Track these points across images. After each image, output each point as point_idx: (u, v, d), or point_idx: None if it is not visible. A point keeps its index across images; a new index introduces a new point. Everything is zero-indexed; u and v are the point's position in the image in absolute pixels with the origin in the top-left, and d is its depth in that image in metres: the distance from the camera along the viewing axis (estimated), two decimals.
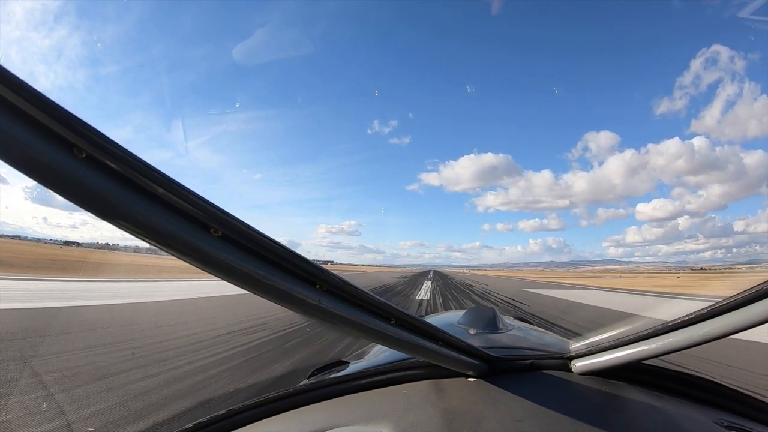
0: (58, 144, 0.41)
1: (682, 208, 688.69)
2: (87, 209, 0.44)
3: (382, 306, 0.65)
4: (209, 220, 0.49)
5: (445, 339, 0.77)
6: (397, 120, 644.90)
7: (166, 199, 0.46)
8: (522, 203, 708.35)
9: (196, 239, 0.48)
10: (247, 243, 0.51)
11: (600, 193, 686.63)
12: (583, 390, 0.83)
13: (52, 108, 0.39)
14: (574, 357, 0.91)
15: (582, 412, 0.71)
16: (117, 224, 0.45)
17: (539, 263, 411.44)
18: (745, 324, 0.60)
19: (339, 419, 0.75)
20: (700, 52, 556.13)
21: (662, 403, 0.80)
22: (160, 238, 0.47)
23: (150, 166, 0.44)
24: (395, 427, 0.69)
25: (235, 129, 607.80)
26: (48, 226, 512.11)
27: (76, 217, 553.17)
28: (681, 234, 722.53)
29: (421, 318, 0.73)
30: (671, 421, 0.72)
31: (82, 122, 0.41)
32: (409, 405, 0.79)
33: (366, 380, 0.93)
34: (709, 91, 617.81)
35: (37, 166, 0.40)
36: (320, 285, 0.58)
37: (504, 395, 0.78)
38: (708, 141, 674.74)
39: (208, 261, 0.50)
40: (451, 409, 0.74)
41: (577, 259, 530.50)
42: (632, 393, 0.83)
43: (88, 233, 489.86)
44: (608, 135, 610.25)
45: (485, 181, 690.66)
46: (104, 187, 0.43)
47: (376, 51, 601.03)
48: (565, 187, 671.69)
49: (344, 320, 0.62)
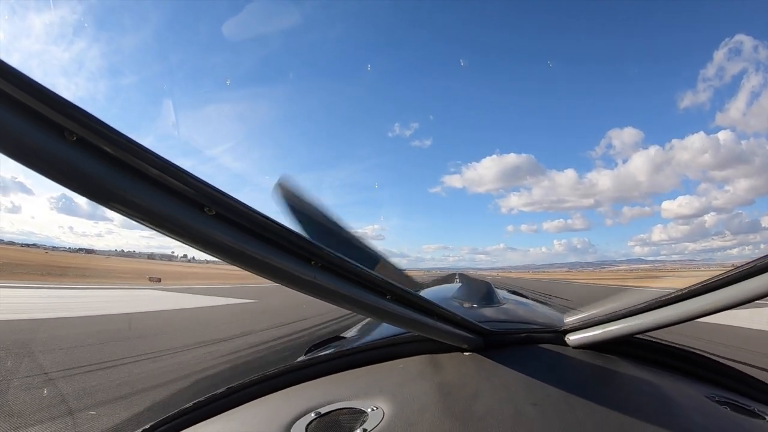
0: (48, 128, 0.40)
1: (709, 204, 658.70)
2: (80, 193, 0.43)
3: (378, 281, 0.65)
4: (203, 199, 0.48)
5: (440, 313, 0.77)
6: (418, 122, 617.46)
7: (159, 179, 0.45)
8: (546, 203, 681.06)
9: (190, 219, 0.48)
10: (242, 221, 0.51)
11: (625, 190, 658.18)
12: (578, 363, 0.84)
13: (41, 92, 0.38)
14: (569, 330, 0.92)
15: (576, 386, 0.72)
16: (111, 207, 0.45)
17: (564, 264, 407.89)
18: (739, 299, 0.60)
19: (336, 394, 0.76)
20: (723, 43, 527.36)
21: (655, 378, 0.81)
22: (154, 219, 0.47)
23: (142, 147, 0.43)
24: (392, 402, 0.70)
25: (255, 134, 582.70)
26: (74, 235, 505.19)
27: (101, 226, 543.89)
28: (707, 231, 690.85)
29: (416, 293, 0.73)
30: (664, 394, 0.73)
31: (72, 105, 0.40)
32: (405, 379, 0.80)
33: (362, 355, 0.94)
34: (734, 83, 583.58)
35: (28, 151, 0.40)
36: (315, 261, 0.58)
37: (499, 369, 0.79)
38: (733, 134, 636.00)
39: (203, 240, 0.50)
40: (447, 383, 0.75)
41: (602, 259, 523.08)
42: (626, 367, 0.84)
43: (113, 241, 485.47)
44: (632, 131, 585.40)
45: (508, 182, 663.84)
46: (96, 170, 0.42)
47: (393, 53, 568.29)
48: (589, 185, 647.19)
49: (340, 296, 0.62)
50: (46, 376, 4.22)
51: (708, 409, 0.71)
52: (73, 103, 0.40)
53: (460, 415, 0.64)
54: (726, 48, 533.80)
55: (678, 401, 0.72)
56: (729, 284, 0.61)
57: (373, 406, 0.70)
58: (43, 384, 3.92)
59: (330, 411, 0.71)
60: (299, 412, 0.71)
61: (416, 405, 0.68)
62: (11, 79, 0.37)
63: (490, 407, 0.66)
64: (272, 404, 0.82)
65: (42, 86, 0.38)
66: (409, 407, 0.68)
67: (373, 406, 0.69)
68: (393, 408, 0.68)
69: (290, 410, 0.73)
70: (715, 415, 0.70)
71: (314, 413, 0.70)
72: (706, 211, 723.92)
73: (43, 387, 3.81)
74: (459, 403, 0.67)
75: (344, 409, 0.71)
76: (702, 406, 0.73)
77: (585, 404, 0.66)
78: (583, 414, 0.63)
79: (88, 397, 3.55)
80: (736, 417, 0.71)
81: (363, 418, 0.67)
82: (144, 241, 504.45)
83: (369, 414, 0.68)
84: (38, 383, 3.94)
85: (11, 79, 0.37)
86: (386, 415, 0.66)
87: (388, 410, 0.68)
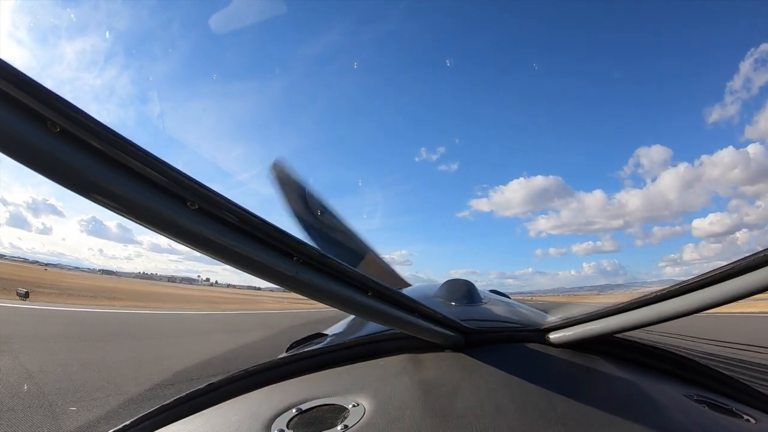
0: (31, 118, 0.39)
1: (740, 221, 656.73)
2: (62, 184, 0.42)
3: (359, 278, 0.65)
4: (185, 193, 0.47)
5: (421, 311, 0.77)
6: (444, 146, 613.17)
7: (141, 172, 0.45)
8: (575, 226, 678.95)
9: (172, 212, 0.47)
10: (224, 215, 0.51)
11: (655, 210, 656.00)
12: (558, 362, 0.85)
13: (24, 81, 0.38)
14: (550, 329, 0.92)
15: (556, 384, 0.72)
16: (93, 199, 0.44)
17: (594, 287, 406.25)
18: (713, 301, 0.61)
19: (317, 391, 0.76)
20: (749, 53, 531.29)
21: (635, 377, 0.82)
22: (136, 213, 0.46)
23: (125, 139, 0.43)
24: (373, 399, 0.70)
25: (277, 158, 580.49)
26: (104, 258, 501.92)
27: (130, 249, 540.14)
28: (740, 248, 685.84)
29: (398, 290, 0.73)
30: (643, 393, 0.74)
31: (56, 96, 0.39)
32: (386, 377, 0.80)
33: (344, 352, 0.94)
34: (761, 94, 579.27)
35: (9, 141, 0.39)
36: (297, 257, 0.57)
37: (480, 366, 0.80)
38: (763, 147, 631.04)
39: (185, 235, 0.49)
40: (428, 381, 0.75)
41: (633, 280, 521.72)
42: (606, 366, 0.85)
43: (142, 264, 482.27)
44: (660, 149, 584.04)
45: (536, 205, 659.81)
46: (79, 162, 0.42)
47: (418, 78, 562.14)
48: (618, 206, 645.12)
49: (322, 292, 0.62)
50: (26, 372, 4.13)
51: (687, 408, 0.72)
52: (57, 93, 0.39)
53: (440, 412, 0.64)
54: (752, 58, 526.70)
55: (657, 400, 0.73)
56: (704, 286, 0.62)
57: (354, 402, 0.69)
58: (23, 380, 3.84)
59: (311, 407, 0.71)
60: (280, 409, 0.71)
61: (397, 402, 0.68)
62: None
63: (470, 404, 0.66)
64: (253, 400, 0.81)
65: (25, 76, 0.38)
66: (390, 404, 0.68)
67: (354, 403, 0.69)
68: (374, 405, 0.68)
69: (271, 406, 0.72)
70: (693, 413, 0.71)
71: (295, 409, 0.70)
72: (738, 228, 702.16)
73: (22, 383, 3.74)
74: (440, 401, 0.68)
75: (325, 405, 0.71)
76: (681, 404, 0.74)
77: (565, 402, 0.66)
78: (564, 412, 0.64)
79: (68, 394, 3.49)
80: (714, 416, 0.72)
81: (344, 415, 0.67)
82: (172, 264, 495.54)
83: (350, 410, 0.67)
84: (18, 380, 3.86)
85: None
86: (367, 411, 0.66)
87: (369, 407, 0.67)
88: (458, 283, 1.28)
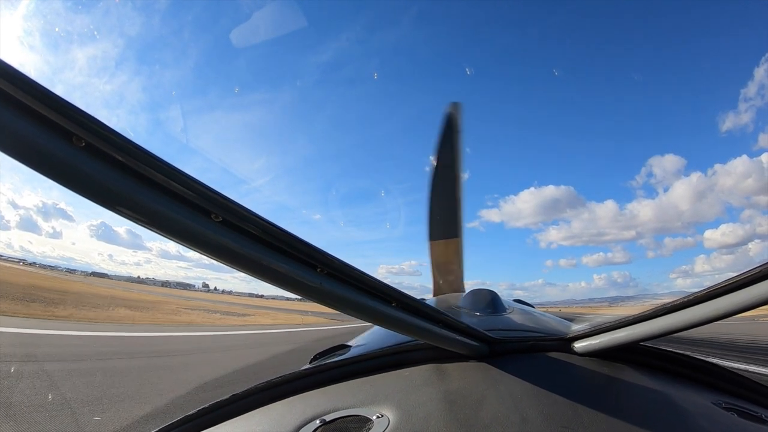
0: (57, 133, 0.41)
1: (753, 232, 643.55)
2: (88, 198, 0.44)
3: (384, 288, 0.65)
4: (210, 206, 0.49)
5: (445, 321, 0.77)
6: None
7: (166, 185, 0.46)
8: (586, 236, 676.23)
9: (197, 225, 0.49)
10: (248, 227, 0.52)
11: (667, 221, 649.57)
12: (583, 371, 0.83)
13: (50, 98, 0.39)
14: (575, 338, 0.91)
15: (582, 393, 0.71)
16: (118, 212, 0.46)
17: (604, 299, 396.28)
18: (744, 305, 0.59)
19: (341, 402, 0.76)
20: (764, 58, 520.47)
21: (662, 385, 0.80)
22: (161, 225, 0.48)
23: (149, 153, 0.44)
24: (397, 410, 0.70)
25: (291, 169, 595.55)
26: (113, 263, 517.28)
27: (139, 255, 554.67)
28: (752, 260, 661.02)
29: (422, 301, 0.73)
30: (670, 402, 0.73)
31: (80, 111, 0.41)
32: (410, 387, 0.80)
33: (367, 363, 0.94)
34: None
35: (36, 156, 0.41)
36: (321, 268, 0.58)
37: (505, 377, 0.79)
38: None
39: (209, 246, 0.51)
40: (452, 391, 0.75)
41: (643, 292, 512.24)
42: (632, 374, 0.83)
43: (151, 270, 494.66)
44: (673, 158, 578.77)
45: (547, 215, 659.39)
46: (104, 175, 0.43)
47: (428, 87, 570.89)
48: (630, 216, 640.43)
49: (346, 302, 0.63)
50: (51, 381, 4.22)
51: (715, 416, 0.71)
52: (82, 109, 0.41)
53: (465, 422, 0.64)
54: (767, 64, 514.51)
55: (685, 408, 0.71)
56: (734, 290, 0.60)
57: (378, 413, 0.69)
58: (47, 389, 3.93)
59: (335, 418, 0.71)
60: (304, 420, 0.71)
61: (421, 413, 0.68)
62: (20, 85, 0.38)
63: (495, 415, 0.65)
64: (277, 412, 0.82)
65: (50, 92, 0.39)
66: (414, 415, 0.67)
67: (378, 414, 0.69)
68: (398, 416, 0.68)
69: (295, 418, 0.73)
70: (722, 421, 0.69)
71: (319, 420, 0.70)
72: (751, 238, 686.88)
73: (47, 392, 3.82)
74: (464, 411, 0.67)
75: (349, 416, 0.71)
76: (709, 412, 0.72)
77: (591, 412, 0.65)
78: (590, 421, 0.62)
79: (92, 404, 3.55)
80: (743, 423, 0.70)
81: (368, 426, 0.67)
82: (182, 272, 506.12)
83: (374, 422, 0.67)
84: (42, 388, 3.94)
85: (20, 85, 0.38)
86: (391, 422, 0.66)
87: (393, 418, 0.67)
88: (482, 292, 1.28)
